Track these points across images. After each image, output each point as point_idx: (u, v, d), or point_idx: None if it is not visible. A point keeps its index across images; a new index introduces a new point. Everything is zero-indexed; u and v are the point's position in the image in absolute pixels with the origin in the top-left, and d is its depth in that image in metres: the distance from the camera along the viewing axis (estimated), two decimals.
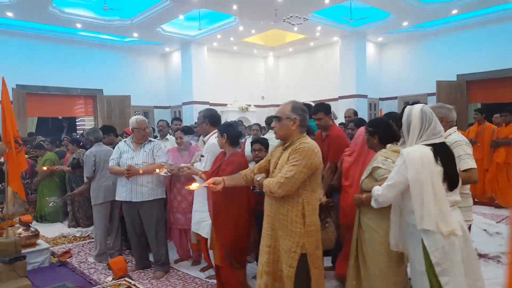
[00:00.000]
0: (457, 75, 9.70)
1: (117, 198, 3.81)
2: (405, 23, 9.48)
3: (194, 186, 2.29)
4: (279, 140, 2.39)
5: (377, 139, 2.45)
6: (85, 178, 4.29)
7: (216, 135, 3.23)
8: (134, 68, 11.77)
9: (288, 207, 2.17)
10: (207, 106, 11.44)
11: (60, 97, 10.60)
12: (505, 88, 9.13)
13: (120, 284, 3.07)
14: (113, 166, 3.80)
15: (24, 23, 9.00)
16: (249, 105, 11.98)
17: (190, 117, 10.96)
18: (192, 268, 3.89)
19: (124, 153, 3.79)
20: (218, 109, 11.89)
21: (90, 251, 4.48)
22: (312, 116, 3.38)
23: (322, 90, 11.76)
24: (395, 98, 11.10)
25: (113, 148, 4.05)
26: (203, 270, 3.79)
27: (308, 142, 2.18)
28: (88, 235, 5.16)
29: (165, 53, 12.22)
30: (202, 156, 3.26)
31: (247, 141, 4.60)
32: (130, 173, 3.60)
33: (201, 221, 3.34)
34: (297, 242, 2.13)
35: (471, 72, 9.48)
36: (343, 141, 3.35)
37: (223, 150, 3.05)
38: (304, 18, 8.21)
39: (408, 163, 1.90)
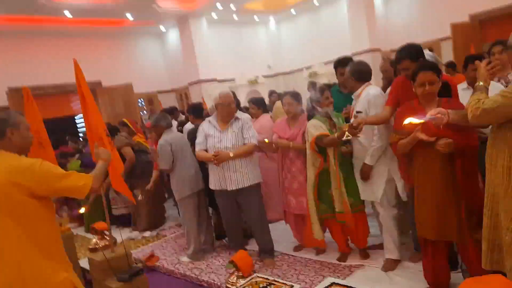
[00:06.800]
0: (469, 15, 9.37)
1: (210, 187, 3.37)
2: None
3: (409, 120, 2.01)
4: None
5: None
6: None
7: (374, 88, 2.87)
8: (131, 54, 10.92)
9: None
10: (215, 84, 10.81)
11: (56, 96, 9.73)
12: None
13: (257, 282, 2.66)
14: (199, 151, 3.32)
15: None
16: (257, 77, 11.40)
17: (199, 97, 10.30)
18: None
19: (210, 136, 3.31)
20: (227, 85, 11.27)
21: (174, 250, 4.04)
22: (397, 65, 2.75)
23: (332, 50, 11.22)
24: None
25: None
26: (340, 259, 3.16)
27: None
28: (157, 234, 4.68)
29: (161, 33, 11.34)
30: (358, 112, 2.70)
31: None
32: (219, 158, 3.14)
33: None
34: None
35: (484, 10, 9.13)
36: None
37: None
38: None
39: None
